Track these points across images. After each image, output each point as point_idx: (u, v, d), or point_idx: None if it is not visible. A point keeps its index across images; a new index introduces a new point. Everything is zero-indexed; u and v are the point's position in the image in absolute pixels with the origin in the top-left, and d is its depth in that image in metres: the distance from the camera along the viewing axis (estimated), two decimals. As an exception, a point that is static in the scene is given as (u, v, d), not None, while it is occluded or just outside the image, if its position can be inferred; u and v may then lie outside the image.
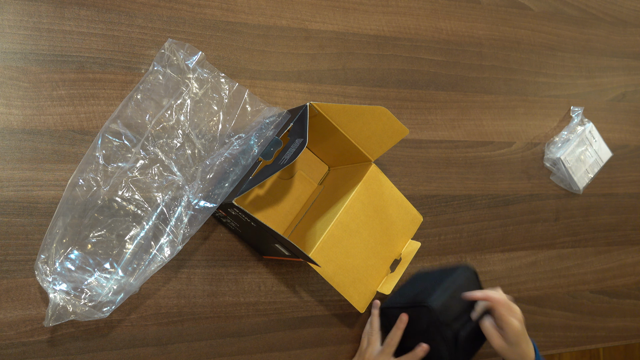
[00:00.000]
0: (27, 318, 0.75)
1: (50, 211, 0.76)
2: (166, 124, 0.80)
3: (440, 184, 0.98)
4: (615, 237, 1.11)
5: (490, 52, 1.05)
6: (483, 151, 1.02)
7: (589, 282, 1.08)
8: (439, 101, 1.00)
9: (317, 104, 0.76)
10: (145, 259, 0.74)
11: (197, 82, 0.82)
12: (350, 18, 0.95)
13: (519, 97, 1.06)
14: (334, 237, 0.79)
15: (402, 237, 0.86)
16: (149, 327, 0.80)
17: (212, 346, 0.83)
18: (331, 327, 0.90)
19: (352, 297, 0.81)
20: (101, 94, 0.80)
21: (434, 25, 1.01)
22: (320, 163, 0.91)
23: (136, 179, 0.77)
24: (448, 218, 0.98)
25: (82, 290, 0.71)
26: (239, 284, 0.85)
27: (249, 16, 0.89)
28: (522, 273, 1.03)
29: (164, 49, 0.81)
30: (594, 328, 1.08)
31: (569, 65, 1.11)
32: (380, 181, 0.84)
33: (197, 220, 0.76)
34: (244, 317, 0.85)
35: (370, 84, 0.95)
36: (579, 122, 1.08)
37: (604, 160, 1.10)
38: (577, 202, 1.08)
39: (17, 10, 0.77)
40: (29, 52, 0.77)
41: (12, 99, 0.76)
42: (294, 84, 0.90)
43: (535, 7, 1.10)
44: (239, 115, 0.84)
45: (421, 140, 0.98)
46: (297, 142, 0.73)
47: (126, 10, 0.82)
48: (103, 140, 0.77)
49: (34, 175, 0.76)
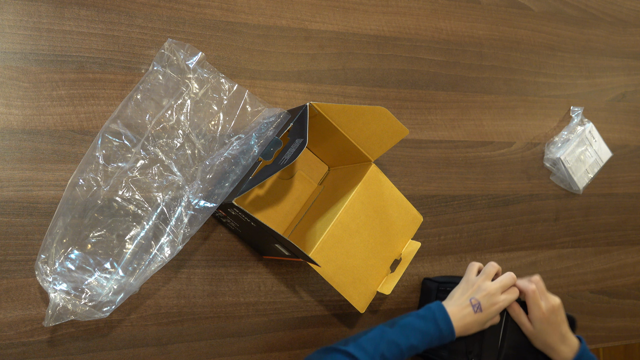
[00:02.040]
0: (27, 318, 0.75)
1: (50, 211, 0.76)
2: (166, 124, 0.80)
3: (440, 184, 0.98)
4: (615, 237, 1.11)
5: (490, 52, 1.05)
6: (483, 151, 1.02)
7: (589, 282, 1.08)
8: (439, 101, 1.00)
9: (317, 104, 0.76)
10: (145, 259, 0.74)
11: (197, 83, 0.82)
12: (350, 18, 0.95)
13: (519, 97, 1.06)
14: (334, 237, 0.79)
15: (402, 237, 0.86)
16: (149, 327, 0.80)
17: (212, 346, 0.83)
18: (331, 327, 0.90)
19: (352, 297, 0.81)
20: (101, 94, 0.80)
21: (434, 25, 1.01)
22: (320, 163, 0.91)
23: (136, 179, 0.77)
24: (448, 218, 0.98)
25: (82, 290, 0.71)
26: (239, 284, 0.85)
27: (249, 16, 0.89)
28: (522, 273, 1.03)
29: (163, 49, 0.81)
30: (594, 328, 1.08)
31: (569, 65, 1.11)
32: (380, 181, 0.84)
33: (197, 220, 0.76)
34: (244, 317, 0.85)
35: (370, 84, 0.95)
36: (578, 122, 1.08)
37: (603, 160, 1.10)
38: (577, 202, 1.08)
39: (17, 10, 0.77)
40: (29, 52, 0.77)
41: (12, 99, 0.76)
42: (294, 84, 0.90)
43: (535, 7, 1.10)
44: (238, 115, 0.84)
45: (421, 140, 0.98)
46: (297, 142, 0.73)
47: (126, 10, 0.82)
48: (103, 140, 0.77)
49: (34, 175, 0.76)
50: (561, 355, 0.82)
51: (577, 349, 0.82)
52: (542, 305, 0.81)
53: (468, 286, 0.82)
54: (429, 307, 0.80)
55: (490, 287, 0.80)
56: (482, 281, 0.81)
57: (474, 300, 0.80)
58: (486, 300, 0.80)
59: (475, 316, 0.79)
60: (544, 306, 0.81)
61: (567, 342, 0.82)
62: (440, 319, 0.78)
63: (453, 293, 0.83)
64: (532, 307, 0.81)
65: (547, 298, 0.82)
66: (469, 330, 0.79)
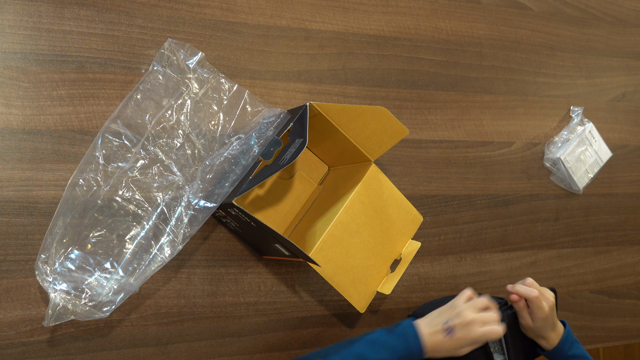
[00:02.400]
0: (27, 318, 0.75)
1: (50, 211, 0.76)
2: (166, 124, 0.80)
3: (440, 184, 0.98)
4: (615, 237, 1.11)
5: (490, 52, 1.05)
6: (483, 151, 1.02)
7: (589, 282, 1.08)
8: (439, 101, 1.00)
9: (317, 104, 0.76)
10: (145, 258, 0.74)
11: (197, 82, 0.82)
12: (350, 18, 0.95)
13: (519, 97, 1.06)
14: (334, 237, 0.79)
15: (402, 237, 0.86)
16: (149, 327, 0.80)
17: (212, 346, 0.83)
18: (331, 327, 0.90)
19: (352, 297, 0.81)
20: (101, 94, 0.80)
21: (434, 25, 1.01)
22: (320, 163, 0.91)
23: (136, 179, 0.77)
24: (448, 218, 0.98)
25: (82, 290, 0.71)
26: (239, 284, 0.85)
27: (249, 16, 0.89)
28: (522, 273, 1.03)
29: (163, 49, 0.81)
30: (594, 328, 1.08)
31: (569, 65, 1.11)
32: (380, 181, 0.84)
33: (197, 220, 0.76)
34: (244, 317, 0.85)
35: (370, 84, 0.95)
36: (578, 122, 1.08)
37: (603, 160, 1.10)
38: (577, 202, 1.08)
39: (17, 10, 0.77)
40: (29, 52, 0.77)
41: (12, 99, 0.76)
42: (294, 84, 0.90)
43: (535, 7, 1.10)
44: (238, 115, 0.84)
45: (421, 140, 0.98)
46: (297, 142, 0.73)
47: (126, 10, 0.82)
48: (103, 140, 0.77)
49: (34, 175, 0.76)
50: (549, 342, 0.85)
51: (562, 333, 0.86)
52: (545, 306, 0.82)
53: (449, 308, 0.79)
54: (400, 323, 0.78)
55: (469, 317, 0.77)
56: (466, 309, 0.78)
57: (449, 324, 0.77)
58: (461, 328, 0.77)
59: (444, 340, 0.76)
60: (546, 306, 0.83)
61: (556, 328, 0.85)
62: (409, 335, 0.76)
63: (433, 312, 0.80)
64: (535, 310, 0.83)
65: (546, 298, 0.84)
66: (438, 353, 0.77)
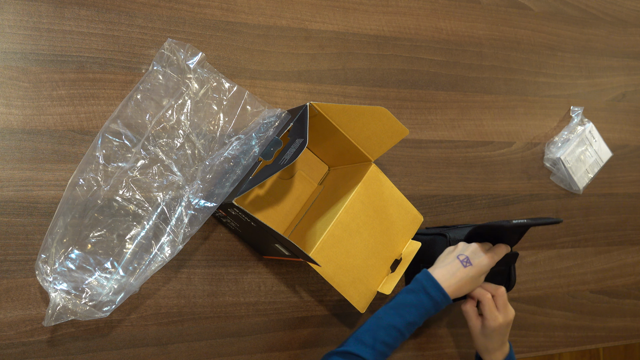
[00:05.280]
0: (27, 318, 0.75)
1: (50, 211, 0.76)
2: (166, 124, 0.80)
3: (440, 184, 0.98)
4: (615, 237, 1.11)
5: (490, 52, 1.05)
6: (483, 151, 1.02)
7: (589, 282, 1.08)
8: (439, 101, 1.00)
9: (317, 104, 0.76)
10: (145, 258, 0.74)
11: (198, 83, 0.82)
12: (350, 18, 0.95)
13: (519, 97, 1.06)
14: (334, 237, 0.79)
15: (403, 237, 0.86)
16: (149, 327, 0.80)
17: (212, 346, 0.83)
18: (331, 327, 0.90)
19: (352, 297, 0.81)
20: (101, 94, 0.80)
21: (434, 25, 1.01)
22: (320, 163, 0.91)
23: (136, 179, 0.77)
24: (448, 218, 0.98)
25: (82, 289, 0.71)
26: (239, 284, 0.85)
27: (249, 16, 0.89)
28: (522, 273, 1.03)
29: (163, 49, 0.81)
30: (594, 328, 1.08)
31: (569, 65, 1.11)
32: (380, 181, 0.84)
33: (198, 220, 0.76)
34: (244, 317, 0.85)
35: (370, 84, 0.95)
36: (578, 122, 1.08)
37: (604, 160, 1.10)
38: (577, 202, 1.08)
39: (17, 10, 0.77)
40: (29, 52, 0.77)
41: (12, 99, 0.76)
42: (294, 84, 0.90)
43: (535, 7, 1.10)
44: (238, 115, 0.84)
45: (421, 140, 0.98)
46: (297, 142, 0.73)
47: (126, 10, 0.82)
48: (103, 140, 0.77)
49: (34, 175, 0.76)
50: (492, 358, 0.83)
51: (507, 353, 0.83)
52: (500, 318, 0.80)
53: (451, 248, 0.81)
54: (416, 278, 0.78)
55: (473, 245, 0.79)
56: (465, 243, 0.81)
57: (461, 256, 0.78)
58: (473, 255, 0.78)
59: (466, 270, 0.77)
60: (501, 319, 0.80)
61: (502, 347, 0.83)
62: (429, 287, 0.76)
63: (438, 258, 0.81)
64: (488, 317, 0.80)
65: (507, 312, 0.81)
66: (462, 288, 0.77)
